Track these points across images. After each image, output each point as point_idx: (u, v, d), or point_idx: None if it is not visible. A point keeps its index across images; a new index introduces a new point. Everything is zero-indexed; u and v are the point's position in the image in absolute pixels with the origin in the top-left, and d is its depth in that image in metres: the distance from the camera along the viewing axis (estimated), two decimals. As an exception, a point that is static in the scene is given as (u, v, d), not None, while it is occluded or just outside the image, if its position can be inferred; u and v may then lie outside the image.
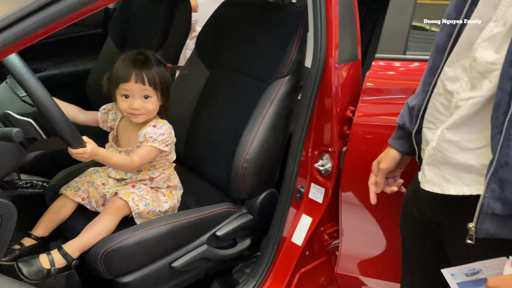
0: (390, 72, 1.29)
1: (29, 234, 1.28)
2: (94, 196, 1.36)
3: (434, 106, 0.92)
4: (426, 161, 0.91)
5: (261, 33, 1.51)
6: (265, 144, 1.37)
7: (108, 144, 1.41)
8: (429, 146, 0.90)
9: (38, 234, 1.28)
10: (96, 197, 1.36)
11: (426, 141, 0.93)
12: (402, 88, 1.27)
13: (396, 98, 1.26)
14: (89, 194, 1.36)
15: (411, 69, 1.29)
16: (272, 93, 1.39)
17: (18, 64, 0.95)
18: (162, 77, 1.28)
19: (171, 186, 1.43)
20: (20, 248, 1.24)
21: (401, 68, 1.29)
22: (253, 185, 1.40)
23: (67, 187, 1.36)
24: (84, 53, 2.39)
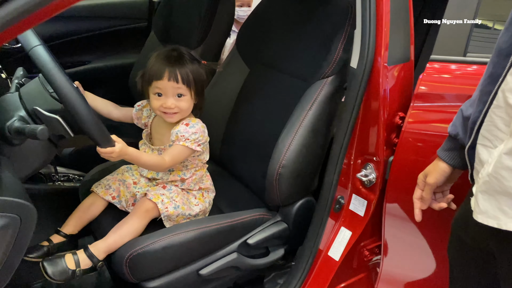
0: (447, 75, 1.16)
1: (58, 231, 1.26)
2: (125, 195, 1.32)
3: (492, 121, 0.78)
4: (480, 188, 0.78)
5: (304, 29, 1.40)
6: (303, 149, 1.27)
7: (141, 142, 1.37)
8: (484, 170, 0.77)
9: (67, 231, 1.26)
10: (127, 196, 1.32)
11: (480, 160, 0.80)
12: (459, 94, 1.13)
13: (452, 105, 1.12)
14: (119, 193, 1.33)
15: (471, 72, 1.15)
16: (313, 94, 1.28)
17: (44, 57, 0.91)
18: (196, 74, 1.22)
19: (203, 188, 1.37)
20: (48, 245, 1.22)
21: (458, 72, 1.15)
22: (289, 192, 1.31)
23: (98, 185, 1.33)
24: (128, 46, 2.38)
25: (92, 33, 2.26)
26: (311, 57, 1.35)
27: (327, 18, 1.34)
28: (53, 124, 1.00)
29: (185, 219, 1.28)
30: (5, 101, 1.08)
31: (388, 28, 1.11)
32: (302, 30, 1.41)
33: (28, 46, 0.92)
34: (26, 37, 0.94)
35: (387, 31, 1.11)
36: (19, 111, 1.03)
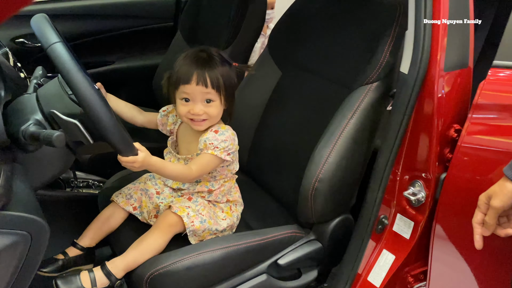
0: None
1: (74, 244, 1.17)
2: (147, 206, 1.22)
3: None
4: None
5: (345, 30, 1.28)
6: (343, 162, 1.15)
7: (166, 150, 1.27)
8: None
9: (84, 244, 1.17)
10: (149, 207, 1.22)
11: None
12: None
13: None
14: (141, 203, 1.23)
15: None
16: (355, 101, 1.16)
17: (63, 55, 0.82)
18: (226, 78, 1.12)
19: (230, 201, 1.26)
20: (63, 258, 1.14)
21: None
22: (325, 209, 1.19)
23: (119, 194, 1.24)
24: (153, 47, 2.30)
25: (116, 33, 2.18)
26: (352, 60, 1.23)
27: (371, 17, 1.21)
28: (71, 129, 0.91)
29: (211, 234, 1.18)
30: (22, 102, 0.99)
31: (446, 29, 0.98)
32: (343, 30, 1.29)
33: (47, 43, 0.83)
34: (45, 34, 0.85)
35: (444, 33, 0.98)
36: (36, 114, 0.94)
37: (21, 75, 1.28)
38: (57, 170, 1.01)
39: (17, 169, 0.88)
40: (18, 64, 1.33)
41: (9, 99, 1.04)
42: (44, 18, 0.89)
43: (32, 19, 0.89)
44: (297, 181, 1.26)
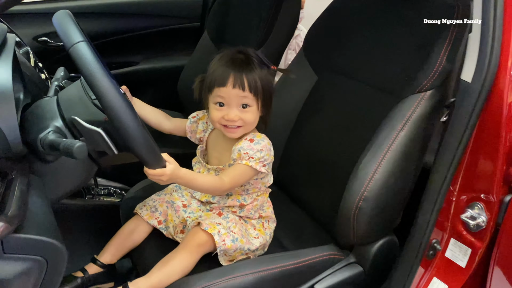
0: None
1: (94, 260, 1.08)
2: (173, 220, 1.13)
3: None
4: None
5: (393, 31, 1.16)
6: (391, 180, 1.03)
7: (195, 159, 1.18)
8: None
9: (104, 260, 1.08)
10: (175, 221, 1.13)
11: None
12: None
13: None
14: (167, 217, 1.13)
15: None
16: (406, 112, 1.04)
17: (87, 56, 0.72)
18: (265, 82, 1.02)
19: (263, 217, 1.16)
20: (82, 276, 1.05)
21: None
22: (368, 230, 1.08)
23: (143, 206, 1.15)
24: (178, 47, 2.21)
25: (141, 32, 2.10)
26: (401, 65, 1.11)
27: (424, 18, 1.09)
28: (93, 138, 0.82)
29: (243, 254, 1.07)
30: (41, 106, 0.91)
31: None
32: (390, 32, 1.17)
33: (69, 42, 0.74)
34: (68, 32, 0.75)
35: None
36: (55, 121, 0.85)
37: (42, 76, 1.20)
38: (77, 182, 0.92)
39: (34, 182, 0.80)
40: (40, 64, 1.26)
41: (28, 102, 0.95)
42: (67, 15, 0.80)
43: (54, 16, 0.80)
44: (334, 197, 1.15)
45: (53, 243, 0.67)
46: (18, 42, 1.26)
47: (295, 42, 2.75)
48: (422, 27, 1.08)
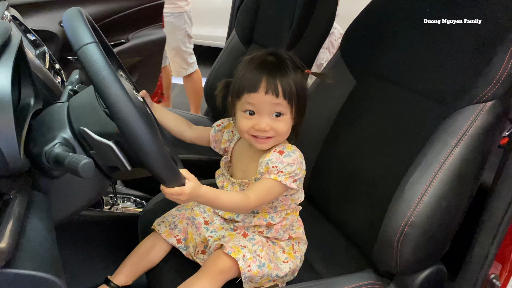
0: None
1: (107, 281, 0.99)
2: (193, 239, 1.03)
3: None
4: None
5: (446, 33, 1.02)
6: (443, 203, 0.90)
7: (218, 172, 1.07)
8: None
9: (119, 282, 0.99)
10: (195, 240, 1.03)
11: None
12: None
13: None
14: (186, 235, 1.03)
15: None
16: (462, 125, 0.90)
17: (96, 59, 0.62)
18: (300, 87, 0.91)
19: (293, 238, 1.05)
20: None
21: None
22: (414, 258, 0.94)
23: (161, 222, 1.05)
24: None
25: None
26: (455, 71, 0.97)
27: (484, 18, 0.94)
28: (104, 152, 0.72)
29: (271, 280, 0.96)
30: (51, 114, 0.82)
31: None
32: (442, 33, 1.03)
33: (77, 44, 0.64)
34: (77, 33, 0.66)
35: None
36: (63, 132, 0.76)
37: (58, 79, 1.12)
38: (87, 199, 0.83)
39: (37, 201, 0.71)
40: (57, 66, 1.18)
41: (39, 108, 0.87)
42: (78, 13, 0.70)
43: (65, 14, 0.71)
44: (374, 217, 1.03)
45: (50, 279, 0.57)
46: (34, 41, 1.19)
47: (329, 41, 2.61)
48: (482, 28, 0.94)
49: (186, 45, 2.64)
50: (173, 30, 2.52)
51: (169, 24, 2.46)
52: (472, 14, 0.96)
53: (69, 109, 0.81)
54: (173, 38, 2.53)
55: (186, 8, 2.56)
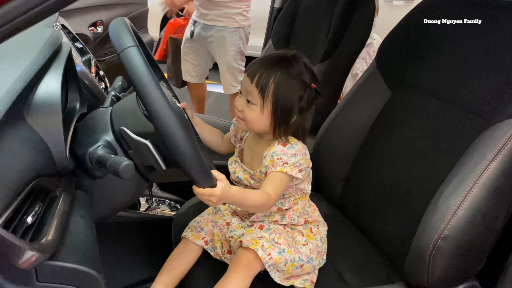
0: None
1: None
2: (219, 240, 1.07)
3: None
4: None
5: (485, 45, 1.01)
6: (478, 217, 0.88)
7: (232, 159, 1.10)
8: None
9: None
10: (221, 241, 1.06)
11: None
12: None
13: None
14: (213, 236, 1.07)
15: None
16: (499, 139, 0.88)
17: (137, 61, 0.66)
18: (281, 89, 0.91)
19: (310, 222, 1.07)
20: None
21: None
22: (447, 273, 0.92)
23: (187, 229, 1.09)
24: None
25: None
26: (494, 85, 0.95)
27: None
28: (141, 151, 0.75)
29: (298, 266, 0.97)
30: (95, 118, 0.87)
31: None
32: (481, 46, 1.01)
33: (120, 47, 0.68)
34: (120, 37, 0.70)
35: None
36: (106, 135, 0.80)
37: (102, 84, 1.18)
38: (126, 199, 0.87)
39: (80, 199, 0.75)
40: (101, 72, 1.24)
41: (84, 112, 0.92)
42: (123, 21, 0.74)
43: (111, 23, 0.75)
44: (406, 229, 1.01)
45: (90, 273, 0.61)
46: (81, 49, 1.26)
47: (366, 51, 2.59)
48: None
49: (238, 61, 2.45)
50: (225, 45, 2.36)
51: (221, 38, 2.34)
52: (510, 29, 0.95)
53: (112, 113, 0.86)
54: (224, 53, 2.40)
55: (244, 23, 2.35)
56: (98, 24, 2.39)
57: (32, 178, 0.59)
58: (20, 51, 0.70)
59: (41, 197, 0.62)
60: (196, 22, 2.39)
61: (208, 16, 2.29)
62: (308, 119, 0.97)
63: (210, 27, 2.32)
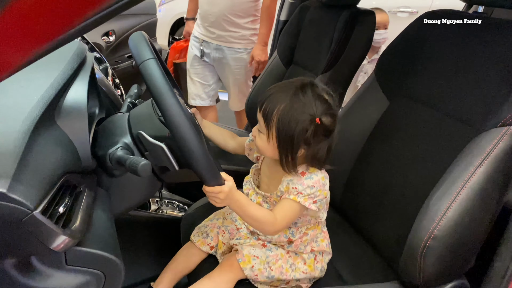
0: None
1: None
2: (221, 246, 1.13)
3: None
4: None
5: (474, 59, 1.08)
6: (465, 219, 0.95)
7: (247, 178, 1.12)
8: None
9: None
10: (224, 246, 1.13)
11: None
12: None
13: None
14: (218, 242, 1.13)
15: None
16: (486, 146, 0.95)
17: (155, 73, 0.74)
18: (285, 121, 0.89)
19: (316, 251, 1.09)
20: None
21: None
22: (437, 271, 0.99)
23: (195, 233, 1.16)
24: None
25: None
26: (483, 96, 1.02)
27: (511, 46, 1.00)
28: (157, 153, 0.83)
29: (283, 283, 1.05)
30: (113, 122, 0.95)
31: None
32: (470, 60, 1.09)
33: (140, 59, 0.76)
34: (139, 50, 0.78)
35: None
36: (125, 137, 0.88)
37: (118, 92, 1.26)
38: (141, 197, 0.95)
39: (100, 195, 0.83)
40: (117, 80, 1.33)
41: (102, 117, 1.00)
42: (141, 35, 0.83)
43: (130, 37, 0.84)
44: (402, 231, 1.08)
45: (112, 259, 0.68)
46: (99, 58, 1.34)
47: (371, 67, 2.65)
48: (509, 56, 1.00)
49: (250, 79, 2.39)
50: (244, 66, 2.27)
51: (239, 60, 2.23)
52: (500, 45, 1.02)
53: (129, 118, 0.94)
54: (242, 74, 2.31)
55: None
56: (110, 33, 2.50)
57: (62, 173, 0.67)
58: (51, 62, 0.79)
59: (69, 191, 0.70)
60: (204, 42, 2.26)
61: (223, 38, 2.18)
62: (322, 148, 0.93)
63: (225, 49, 2.20)
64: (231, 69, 2.26)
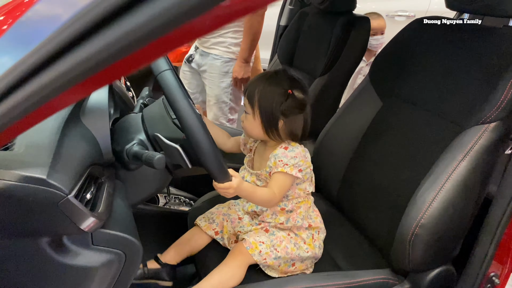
0: None
1: (156, 258, 1.21)
2: (227, 232, 1.23)
3: None
4: None
5: (459, 62, 1.18)
6: (450, 209, 1.04)
7: (242, 167, 1.26)
8: None
9: (164, 260, 1.21)
10: (230, 232, 1.23)
11: None
12: None
13: None
14: (223, 228, 1.23)
15: None
16: (468, 142, 1.05)
17: (171, 83, 0.84)
18: (264, 97, 1.06)
19: (313, 228, 1.20)
20: (142, 268, 1.18)
21: None
22: (424, 258, 1.08)
23: (202, 218, 1.26)
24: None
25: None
26: (466, 96, 1.12)
27: (491, 50, 1.09)
28: (172, 153, 0.93)
29: (290, 266, 1.14)
30: (128, 121, 1.05)
31: None
32: (456, 63, 1.18)
33: (157, 70, 0.86)
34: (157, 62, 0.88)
35: None
36: (140, 135, 0.98)
37: (129, 94, 1.36)
38: (154, 189, 1.04)
39: (119, 187, 0.92)
40: (128, 83, 1.42)
41: (117, 117, 1.10)
42: None
43: None
44: (393, 223, 1.16)
45: (132, 240, 0.77)
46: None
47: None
48: (489, 59, 1.09)
49: (228, 96, 2.11)
50: (217, 75, 2.07)
51: (213, 67, 2.07)
52: (482, 49, 1.11)
53: (143, 117, 1.03)
54: (215, 84, 2.10)
55: None
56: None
57: (88, 165, 0.76)
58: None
59: (93, 181, 0.79)
60: (197, 48, 2.15)
61: (206, 43, 2.05)
62: (297, 123, 1.09)
63: (206, 55, 2.07)
64: (208, 78, 2.11)
